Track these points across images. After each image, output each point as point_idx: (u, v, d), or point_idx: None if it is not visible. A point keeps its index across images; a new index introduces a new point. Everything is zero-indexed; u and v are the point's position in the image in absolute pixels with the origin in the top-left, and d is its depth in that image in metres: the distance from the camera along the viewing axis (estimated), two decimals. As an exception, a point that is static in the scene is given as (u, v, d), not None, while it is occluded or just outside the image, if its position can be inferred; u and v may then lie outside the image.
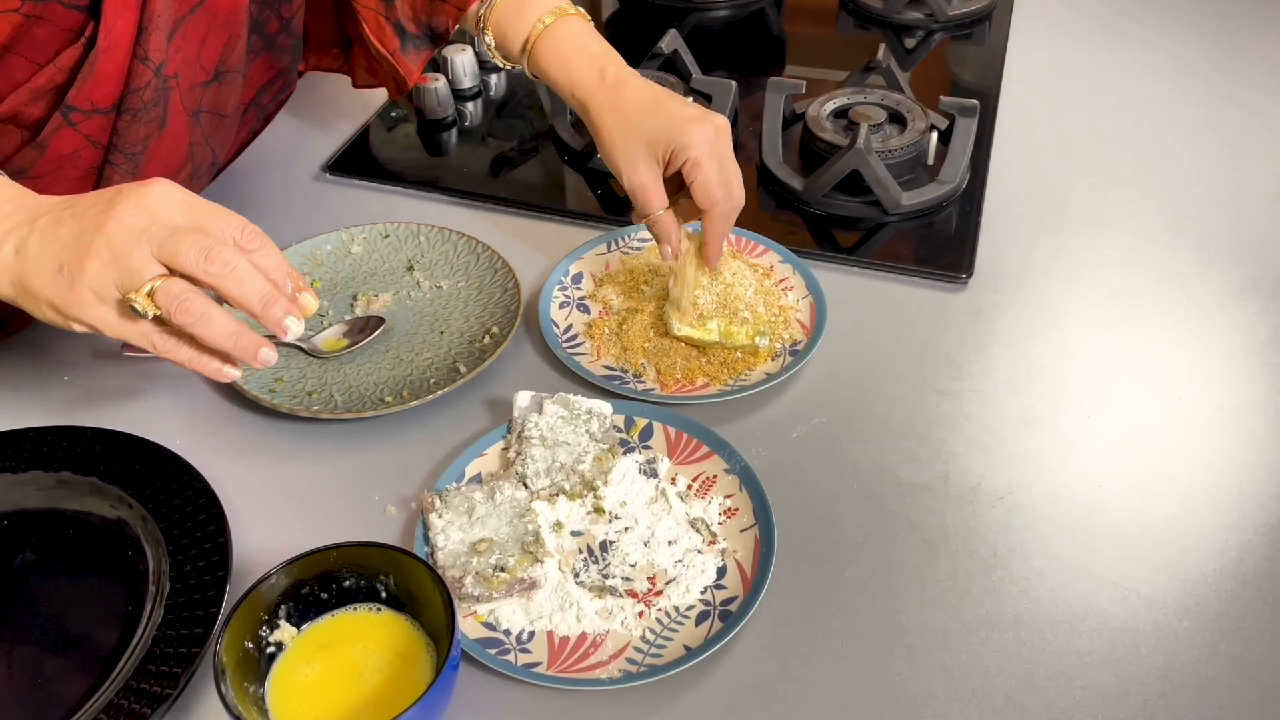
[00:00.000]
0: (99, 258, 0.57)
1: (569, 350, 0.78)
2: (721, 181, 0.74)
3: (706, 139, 0.74)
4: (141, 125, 0.74)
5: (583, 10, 0.82)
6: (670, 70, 1.08)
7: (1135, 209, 0.93)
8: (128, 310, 0.59)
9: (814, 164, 0.96)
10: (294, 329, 0.61)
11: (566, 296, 0.84)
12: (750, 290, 0.78)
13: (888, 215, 0.91)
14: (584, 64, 0.78)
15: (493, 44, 0.84)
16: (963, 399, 0.75)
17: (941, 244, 0.89)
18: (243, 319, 0.62)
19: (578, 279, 0.86)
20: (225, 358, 0.62)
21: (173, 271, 0.58)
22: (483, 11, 0.83)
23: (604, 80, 0.77)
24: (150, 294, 0.58)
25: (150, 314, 0.58)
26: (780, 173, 0.95)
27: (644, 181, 0.76)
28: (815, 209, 0.93)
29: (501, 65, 0.86)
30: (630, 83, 0.77)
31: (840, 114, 1.00)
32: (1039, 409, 0.74)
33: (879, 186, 0.90)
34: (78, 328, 0.60)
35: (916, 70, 1.17)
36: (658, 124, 0.74)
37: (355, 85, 0.98)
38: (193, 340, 0.61)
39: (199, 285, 0.59)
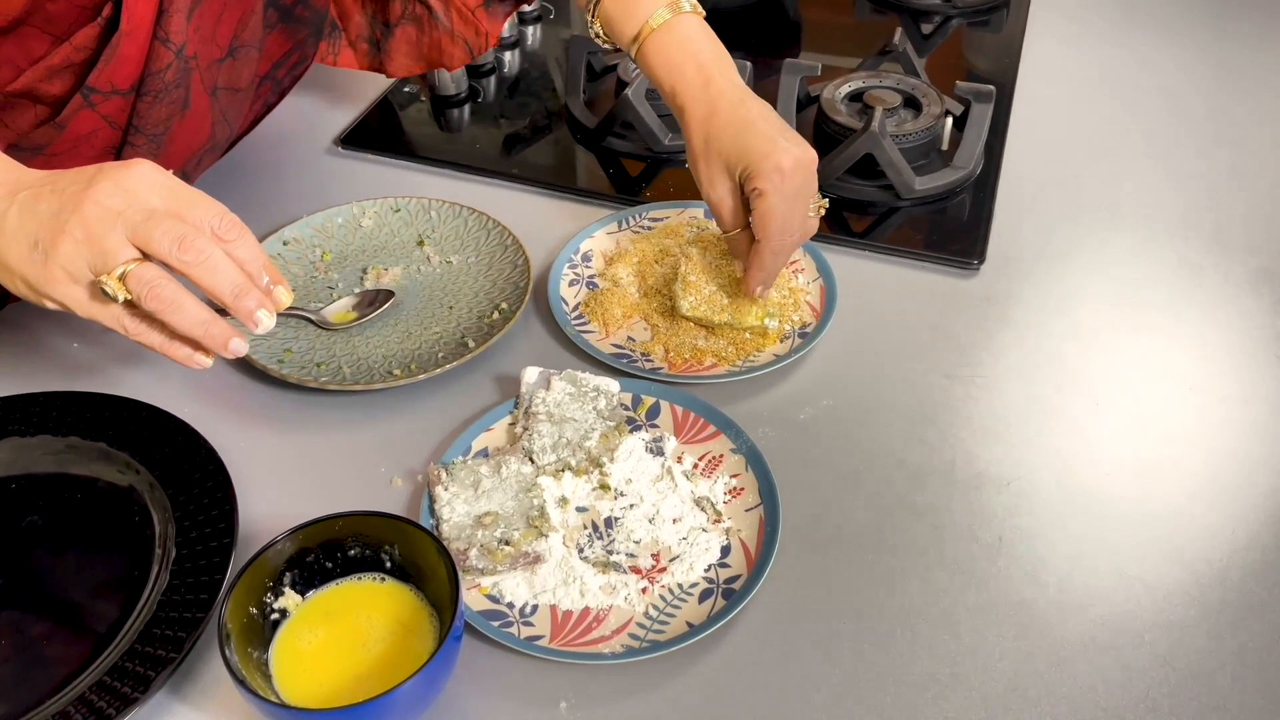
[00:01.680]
0: (73, 237, 0.56)
1: (577, 327, 0.78)
2: (780, 217, 0.71)
3: (778, 172, 0.70)
4: (163, 106, 0.74)
5: (698, 5, 0.77)
6: (685, 51, 1.07)
7: (1150, 199, 0.93)
8: (99, 292, 0.58)
9: (828, 147, 0.95)
10: (265, 322, 0.60)
11: (576, 274, 0.84)
12: (761, 271, 0.78)
13: (900, 200, 0.91)
14: (690, 70, 0.75)
15: (601, 33, 0.80)
16: (971, 385, 0.75)
17: (954, 230, 0.89)
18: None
19: (587, 257, 0.85)
20: (197, 345, 0.61)
21: (147, 256, 0.57)
22: None
23: (705, 91, 0.74)
24: (122, 278, 0.57)
25: (121, 297, 0.57)
26: (793, 155, 0.94)
27: (720, 199, 0.74)
28: (828, 192, 0.93)
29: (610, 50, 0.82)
30: (727, 97, 0.74)
31: (855, 97, 1.00)
32: (1048, 396, 0.74)
33: (892, 171, 0.90)
34: (49, 305, 0.60)
35: (933, 56, 1.17)
36: (738, 147, 0.72)
37: (391, 75, 0.97)
38: (164, 326, 0.60)
39: (172, 272, 0.58)
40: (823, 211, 0.75)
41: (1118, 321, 0.80)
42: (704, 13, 0.77)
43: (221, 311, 0.61)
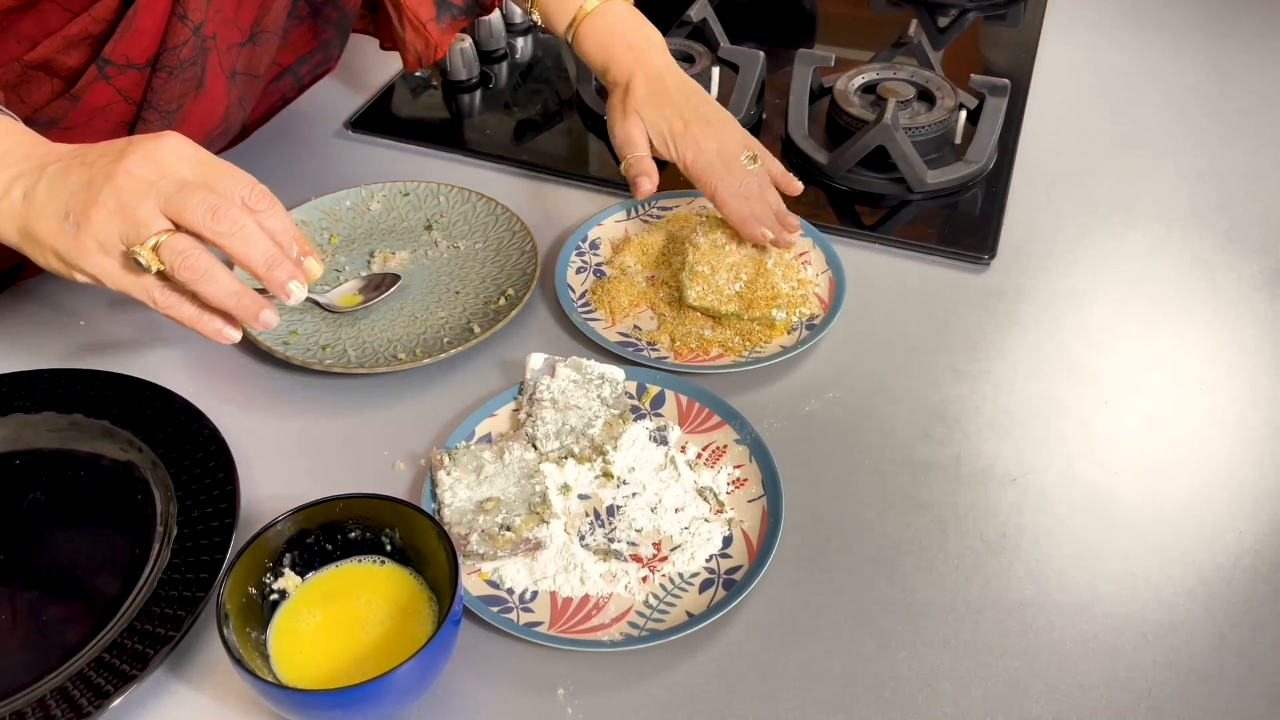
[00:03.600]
0: (105, 208, 0.56)
1: (584, 315, 0.78)
2: (713, 172, 0.79)
3: (693, 142, 0.80)
4: (177, 84, 0.74)
5: None
6: (698, 39, 1.07)
7: (1163, 196, 0.92)
8: (131, 263, 0.57)
9: (840, 138, 0.95)
10: (296, 293, 0.60)
11: (584, 262, 0.83)
12: (769, 262, 0.78)
13: (912, 193, 0.90)
14: (620, 49, 0.83)
15: (539, 19, 0.88)
16: (979, 380, 0.74)
17: (965, 224, 0.88)
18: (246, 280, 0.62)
19: (595, 245, 0.85)
20: (227, 318, 0.61)
21: (179, 227, 0.57)
22: None
23: (634, 64, 0.82)
24: (155, 248, 0.57)
25: (154, 268, 0.57)
26: (805, 146, 0.94)
27: (627, 134, 0.81)
28: (839, 184, 0.92)
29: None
30: (648, 70, 0.82)
31: (868, 89, 0.99)
32: (1056, 393, 0.73)
33: (904, 163, 0.89)
34: (80, 278, 0.59)
35: (948, 49, 1.16)
36: (654, 117, 0.81)
37: (383, 47, 0.98)
38: (195, 298, 0.59)
39: (205, 243, 0.58)
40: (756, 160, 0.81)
41: (1128, 319, 0.79)
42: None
43: None
